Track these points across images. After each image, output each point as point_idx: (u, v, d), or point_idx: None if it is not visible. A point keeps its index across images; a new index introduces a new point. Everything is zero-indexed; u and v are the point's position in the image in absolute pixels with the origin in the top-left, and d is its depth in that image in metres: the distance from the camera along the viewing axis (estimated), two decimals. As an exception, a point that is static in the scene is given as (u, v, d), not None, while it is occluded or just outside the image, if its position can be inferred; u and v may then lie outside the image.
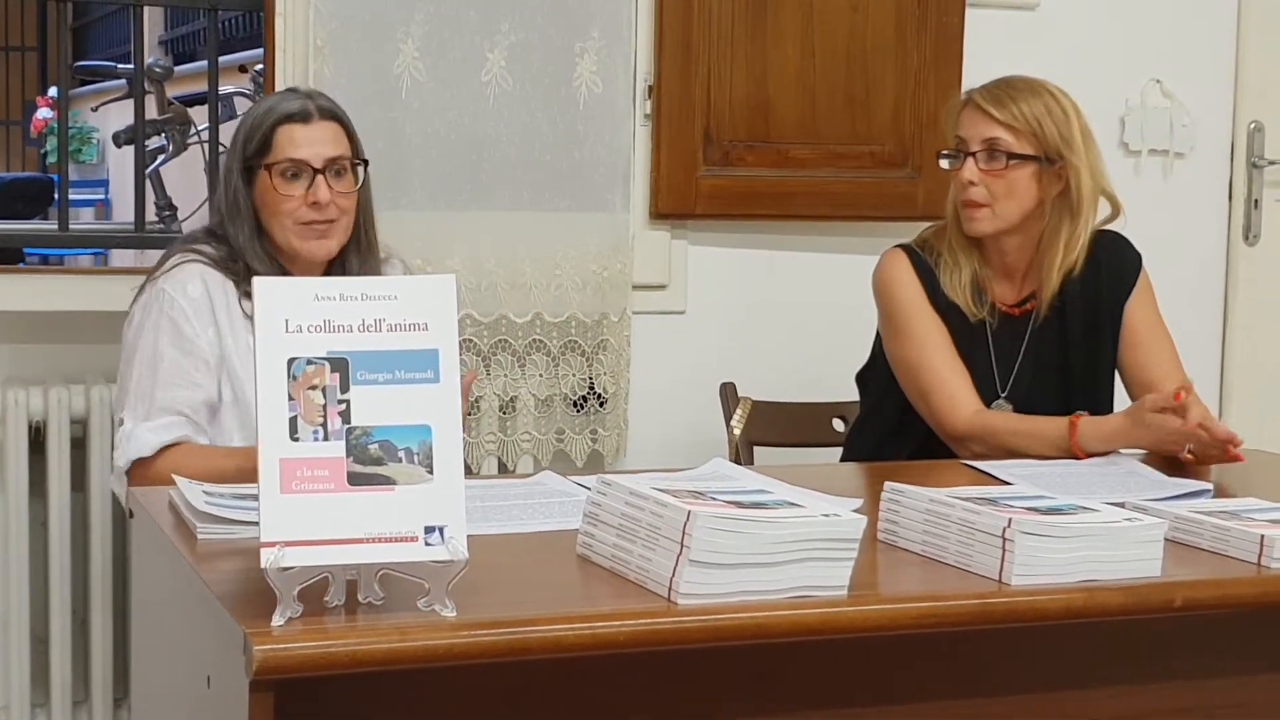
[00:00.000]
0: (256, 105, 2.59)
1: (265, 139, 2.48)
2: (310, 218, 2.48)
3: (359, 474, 1.51)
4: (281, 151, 2.48)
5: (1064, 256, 2.68)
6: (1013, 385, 2.73)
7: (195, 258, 2.50)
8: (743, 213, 3.36)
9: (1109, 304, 2.75)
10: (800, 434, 3.19)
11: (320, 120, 2.50)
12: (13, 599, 2.95)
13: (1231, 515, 1.99)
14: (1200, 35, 3.73)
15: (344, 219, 2.51)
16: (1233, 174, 3.80)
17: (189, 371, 2.43)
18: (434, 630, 1.50)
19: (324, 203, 2.47)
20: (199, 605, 1.64)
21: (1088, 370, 2.75)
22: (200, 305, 2.46)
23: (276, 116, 2.49)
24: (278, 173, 2.47)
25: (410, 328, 1.56)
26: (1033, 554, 1.73)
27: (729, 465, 2.44)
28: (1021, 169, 2.66)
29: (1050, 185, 2.67)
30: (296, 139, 2.48)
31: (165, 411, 2.40)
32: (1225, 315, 3.81)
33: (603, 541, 1.75)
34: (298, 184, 2.47)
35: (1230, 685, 1.92)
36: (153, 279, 2.50)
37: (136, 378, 2.44)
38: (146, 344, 2.45)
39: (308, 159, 2.47)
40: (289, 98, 2.54)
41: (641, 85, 3.27)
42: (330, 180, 2.48)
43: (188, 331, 2.44)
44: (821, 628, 1.64)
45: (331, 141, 2.50)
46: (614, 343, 3.24)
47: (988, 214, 2.67)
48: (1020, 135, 2.65)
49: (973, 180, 2.66)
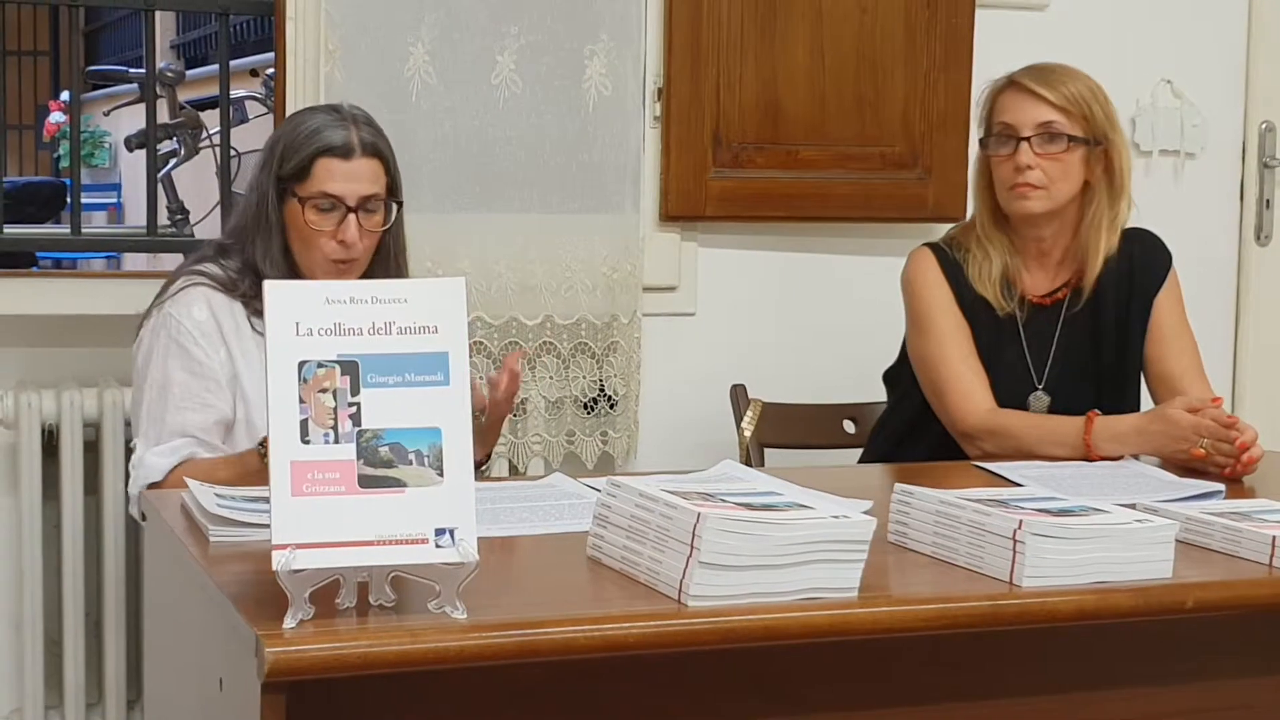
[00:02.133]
0: (300, 120, 2.51)
1: (303, 166, 2.44)
2: (337, 255, 2.46)
3: (370, 476, 1.52)
4: (318, 184, 2.44)
5: (1108, 238, 2.68)
6: (1048, 376, 2.73)
7: (200, 280, 2.48)
8: (753, 214, 3.36)
9: (1140, 297, 2.76)
10: (811, 436, 3.19)
11: (362, 156, 2.45)
12: (26, 602, 2.96)
13: (1243, 516, 1.99)
14: (1211, 35, 3.72)
15: (365, 257, 2.49)
16: (1244, 174, 3.79)
17: (199, 393, 2.41)
18: (445, 632, 1.50)
19: (351, 243, 2.44)
20: (211, 608, 1.65)
21: (1117, 362, 2.76)
22: (206, 327, 2.44)
23: (319, 147, 2.43)
24: (311, 205, 2.44)
25: (420, 330, 1.56)
26: (1043, 555, 1.73)
27: (739, 467, 2.44)
28: (1075, 152, 2.66)
29: (1095, 167, 2.68)
30: (335, 173, 2.43)
31: (174, 434, 2.40)
32: (1237, 316, 3.80)
33: (613, 543, 1.75)
34: (329, 218, 2.44)
35: (1241, 687, 1.91)
36: (159, 303, 2.49)
37: (148, 404, 2.44)
38: (156, 369, 2.44)
39: (343, 196, 2.43)
40: (334, 125, 2.46)
41: (651, 87, 3.27)
42: (361, 218, 2.45)
43: (196, 353, 2.43)
44: (831, 629, 1.64)
45: (369, 179, 2.46)
46: (624, 345, 3.24)
47: (1043, 194, 2.66)
48: (1074, 118, 2.65)
49: (1030, 164, 2.65)
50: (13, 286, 3.05)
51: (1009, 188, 2.68)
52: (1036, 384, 2.73)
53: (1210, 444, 2.46)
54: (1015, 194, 2.67)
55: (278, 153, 2.47)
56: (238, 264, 2.50)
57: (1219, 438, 2.46)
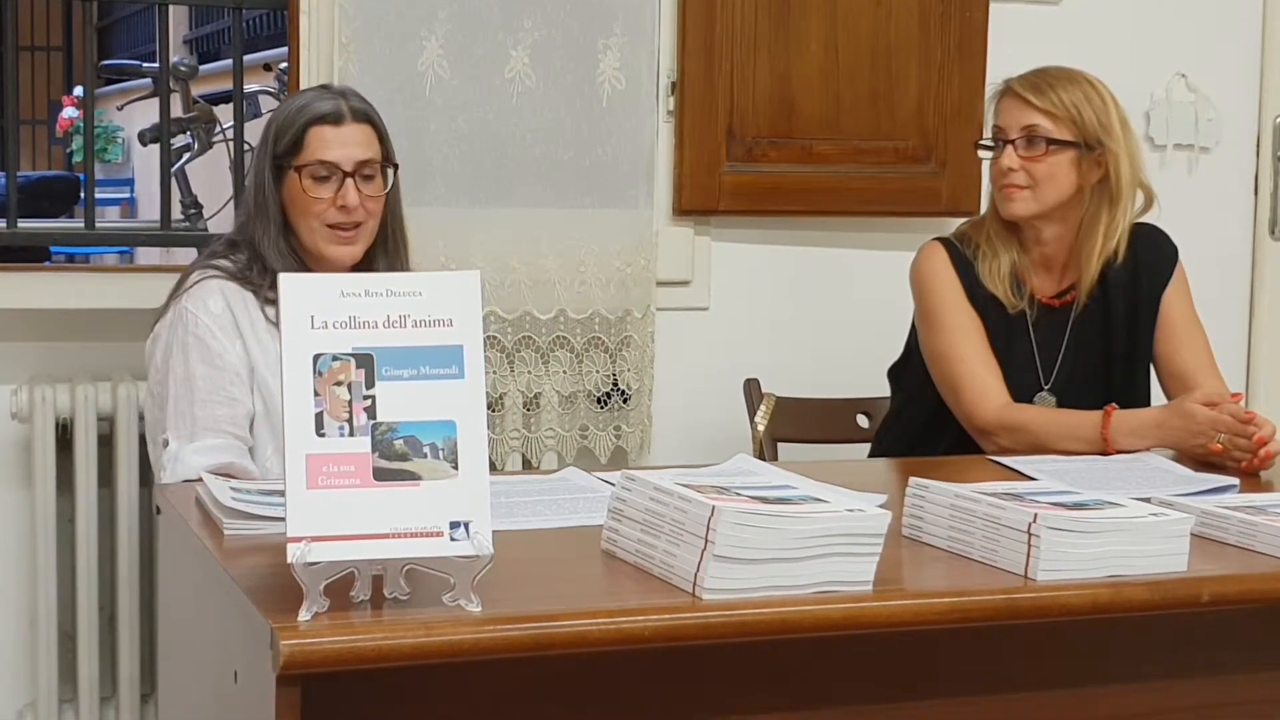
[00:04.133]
0: (289, 102, 2.59)
1: (296, 139, 2.48)
2: (337, 220, 2.47)
3: (384, 469, 1.52)
4: (312, 153, 2.47)
5: (1103, 244, 2.69)
6: (1055, 377, 2.73)
7: (214, 273, 2.49)
8: (766, 209, 3.36)
9: (1147, 294, 2.75)
10: (824, 430, 3.19)
11: (353, 122, 2.49)
12: (40, 595, 2.97)
13: (1258, 510, 1.99)
14: (1225, 29, 3.71)
15: (370, 222, 2.51)
16: (1258, 168, 3.78)
17: (224, 387, 2.41)
18: (459, 625, 1.50)
19: (352, 207, 2.46)
20: (226, 600, 1.65)
21: (1127, 361, 2.75)
22: (223, 320, 2.44)
23: (309, 117, 2.48)
24: (308, 174, 2.47)
25: (435, 324, 1.56)
26: (1058, 549, 1.73)
27: (753, 461, 2.43)
28: (1060, 154, 2.66)
29: (1089, 172, 2.68)
30: (328, 140, 2.47)
31: (209, 432, 2.38)
32: (1251, 310, 3.79)
33: (627, 537, 1.75)
34: (327, 186, 2.47)
35: (1257, 680, 1.91)
36: (175, 298, 2.49)
37: (174, 399, 2.42)
38: (178, 364, 2.44)
39: (338, 161, 2.47)
40: (322, 96, 2.53)
41: (664, 81, 3.27)
42: (359, 184, 2.47)
43: (215, 346, 2.43)
44: (846, 623, 1.64)
45: (363, 144, 2.49)
46: (638, 339, 3.24)
47: (1026, 195, 2.68)
48: (1059, 121, 2.66)
49: (1012, 166, 2.67)
50: (26, 281, 3.07)
51: (998, 189, 2.72)
52: (1043, 384, 2.73)
53: (1227, 439, 2.46)
54: (1002, 195, 2.71)
55: (271, 134, 2.52)
56: (246, 256, 2.51)
57: (1236, 433, 2.45)
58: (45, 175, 8.48)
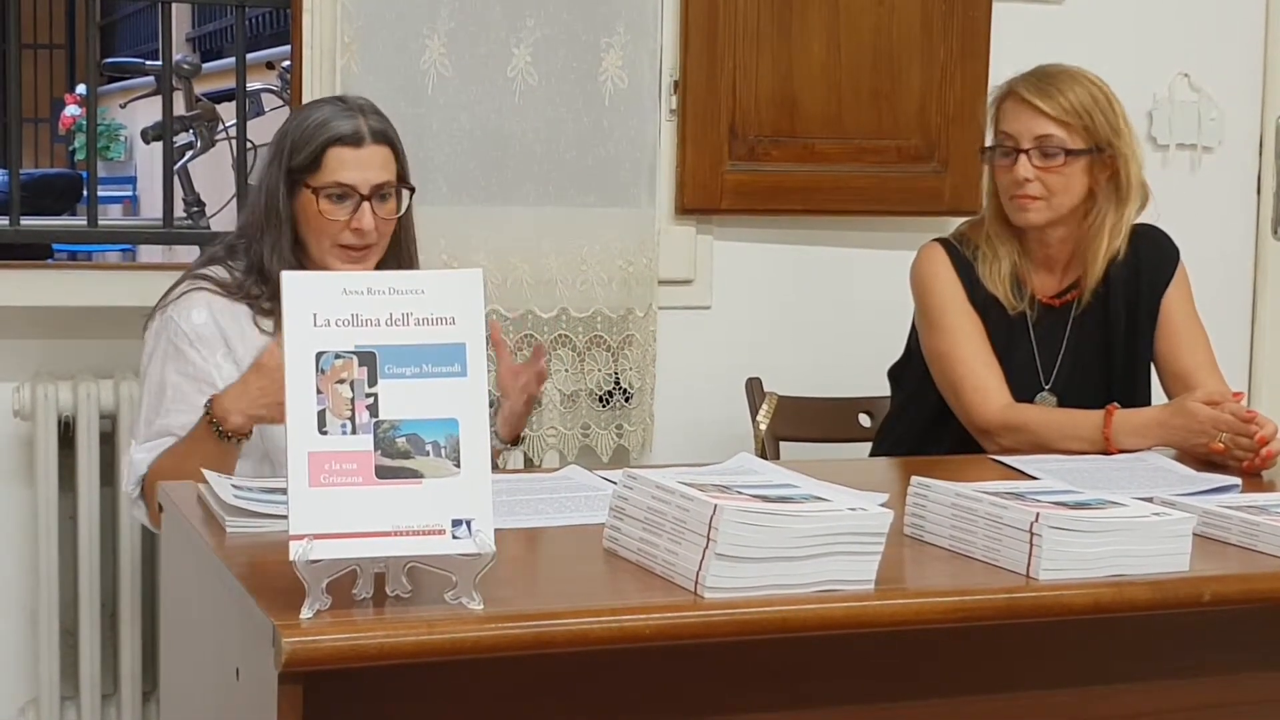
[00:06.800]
0: (305, 113, 2.51)
1: (314, 157, 2.43)
2: (350, 242, 2.45)
3: (387, 467, 1.52)
4: (330, 174, 2.43)
5: (1109, 243, 2.68)
6: (1056, 377, 2.73)
7: (202, 285, 2.47)
8: (768, 208, 3.36)
9: (1148, 295, 2.75)
10: (826, 429, 3.19)
11: (372, 144, 2.44)
12: (42, 592, 2.97)
13: (1260, 510, 1.99)
14: (1228, 28, 3.71)
15: (382, 242, 2.49)
16: (1261, 168, 3.78)
17: (191, 395, 2.40)
18: (461, 623, 1.50)
19: (367, 230, 2.44)
20: (228, 598, 1.65)
21: (1127, 361, 2.75)
22: (205, 331, 2.43)
23: (328, 136, 2.43)
24: (324, 195, 2.43)
25: (437, 322, 1.56)
26: (1060, 549, 1.73)
27: (755, 460, 2.43)
28: (1076, 163, 2.65)
29: (1100, 174, 2.67)
30: (347, 163, 2.43)
31: (160, 434, 2.40)
32: (1254, 310, 3.79)
33: (629, 535, 1.75)
34: (343, 207, 2.44)
35: (1259, 680, 1.91)
36: (162, 306, 2.49)
37: (145, 407, 2.45)
38: (155, 372, 2.45)
39: (356, 184, 2.43)
40: (341, 114, 2.46)
41: (667, 80, 3.27)
42: (375, 206, 2.45)
43: (192, 356, 2.42)
44: (848, 622, 1.64)
45: (380, 167, 2.45)
46: (640, 338, 3.24)
47: (1042, 205, 2.66)
48: (1073, 130, 2.64)
49: (1028, 177, 2.64)
50: (29, 278, 3.07)
51: (1009, 198, 2.69)
52: (1044, 384, 2.73)
53: (1229, 438, 2.45)
54: (1016, 205, 2.68)
55: (286, 146, 2.47)
56: (245, 264, 2.50)
57: (1238, 432, 2.45)
58: (48, 173, 8.47)
